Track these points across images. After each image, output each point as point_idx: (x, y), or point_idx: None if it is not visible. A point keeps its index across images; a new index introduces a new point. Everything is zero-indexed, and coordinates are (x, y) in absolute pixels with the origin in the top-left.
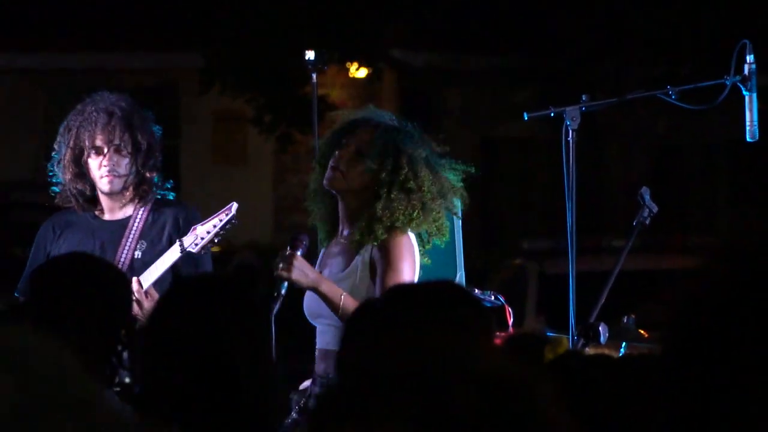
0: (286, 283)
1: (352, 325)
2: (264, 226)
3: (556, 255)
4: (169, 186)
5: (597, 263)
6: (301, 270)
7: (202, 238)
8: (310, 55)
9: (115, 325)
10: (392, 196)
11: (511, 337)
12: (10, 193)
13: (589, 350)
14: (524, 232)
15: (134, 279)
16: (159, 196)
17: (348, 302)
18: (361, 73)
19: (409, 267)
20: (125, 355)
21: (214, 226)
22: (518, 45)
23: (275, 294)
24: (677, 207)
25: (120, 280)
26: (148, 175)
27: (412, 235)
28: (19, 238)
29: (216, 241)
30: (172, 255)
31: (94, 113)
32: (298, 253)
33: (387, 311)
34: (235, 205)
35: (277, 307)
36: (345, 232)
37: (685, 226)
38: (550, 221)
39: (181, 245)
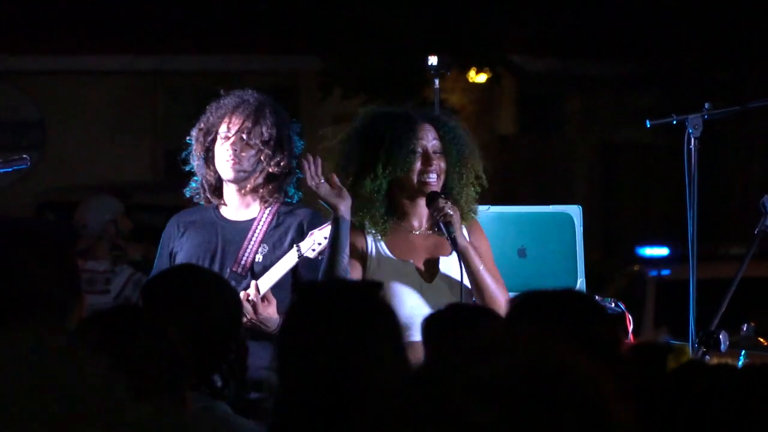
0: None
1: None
2: None
3: (674, 262)
4: (292, 192)
5: (714, 270)
6: (461, 226)
7: (319, 244)
8: (432, 60)
9: (225, 336)
10: (465, 189)
11: (633, 347)
12: (130, 194)
13: (710, 359)
14: (643, 238)
15: (252, 283)
16: (288, 199)
17: (486, 274)
18: (481, 78)
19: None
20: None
21: None
22: (638, 50)
23: (450, 237)
24: None
25: (229, 291)
26: (271, 170)
27: None
28: (140, 239)
29: None
30: (290, 260)
31: (228, 99)
32: None
33: (515, 317)
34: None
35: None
36: (423, 224)
37: None
38: (668, 227)
39: (299, 250)
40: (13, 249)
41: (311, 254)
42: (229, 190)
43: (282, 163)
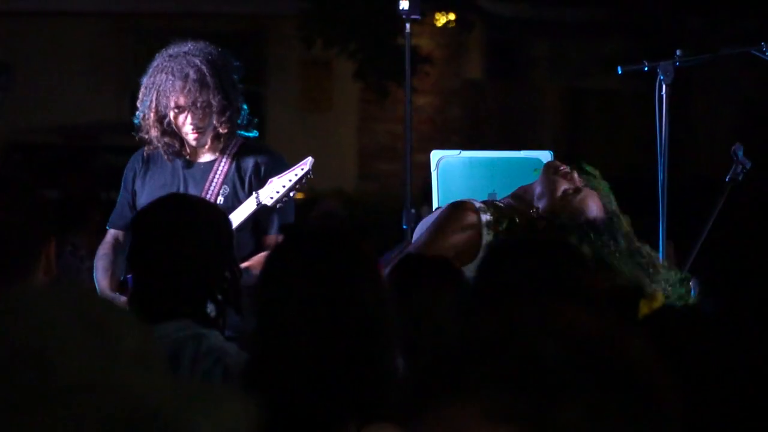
0: None
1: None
2: (348, 174)
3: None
4: (253, 134)
5: None
6: None
7: (278, 192)
8: (404, 4)
9: (219, 263)
10: None
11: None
12: (97, 136)
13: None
14: (609, 183)
15: None
16: (244, 139)
17: None
18: (450, 23)
19: None
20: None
21: (290, 180)
22: None
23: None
24: (764, 161)
25: (224, 220)
26: (221, 131)
27: None
28: (106, 180)
29: (291, 195)
30: (249, 207)
31: (171, 77)
32: None
33: (493, 263)
34: (310, 160)
35: None
36: None
37: None
38: (635, 174)
39: (257, 198)
40: None
41: (269, 202)
42: (189, 145)
43: (232, 117)
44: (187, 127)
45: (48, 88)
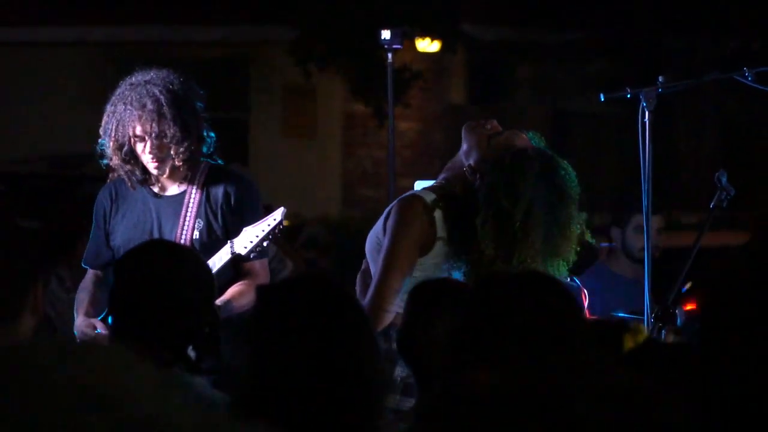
0: None
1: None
2: (333, 200)
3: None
4: (207, 148)
5: (666, 240)
6: None
7: (251, 242)
8: (385, 34)
9: (200, 310)
10: None
11: (591, 325)
12: (81, 166)
13: (666, 333)
14: (591, 207)
15: None
16: (210, 162)
17: None
18: (433, 47)
19: None
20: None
21: (263, 231)
22: (589, 19)
23: None
24: (747, 185)
25: (202, 266)
26: (177, 163)
27: None
28: (90, 210)
29: (265, 244)
30: (224, 255)
31: (129, 107)
32: None
33: (479, 299)
34: (282, 210)
35: None
36: None
37: (755, 205)
38: (619, 196)
39: (232, 247)
40: None
41: (243, 251)
42: (153, 174)
43: (192, 148)
44: (147, 156)
45: (31, 118)
